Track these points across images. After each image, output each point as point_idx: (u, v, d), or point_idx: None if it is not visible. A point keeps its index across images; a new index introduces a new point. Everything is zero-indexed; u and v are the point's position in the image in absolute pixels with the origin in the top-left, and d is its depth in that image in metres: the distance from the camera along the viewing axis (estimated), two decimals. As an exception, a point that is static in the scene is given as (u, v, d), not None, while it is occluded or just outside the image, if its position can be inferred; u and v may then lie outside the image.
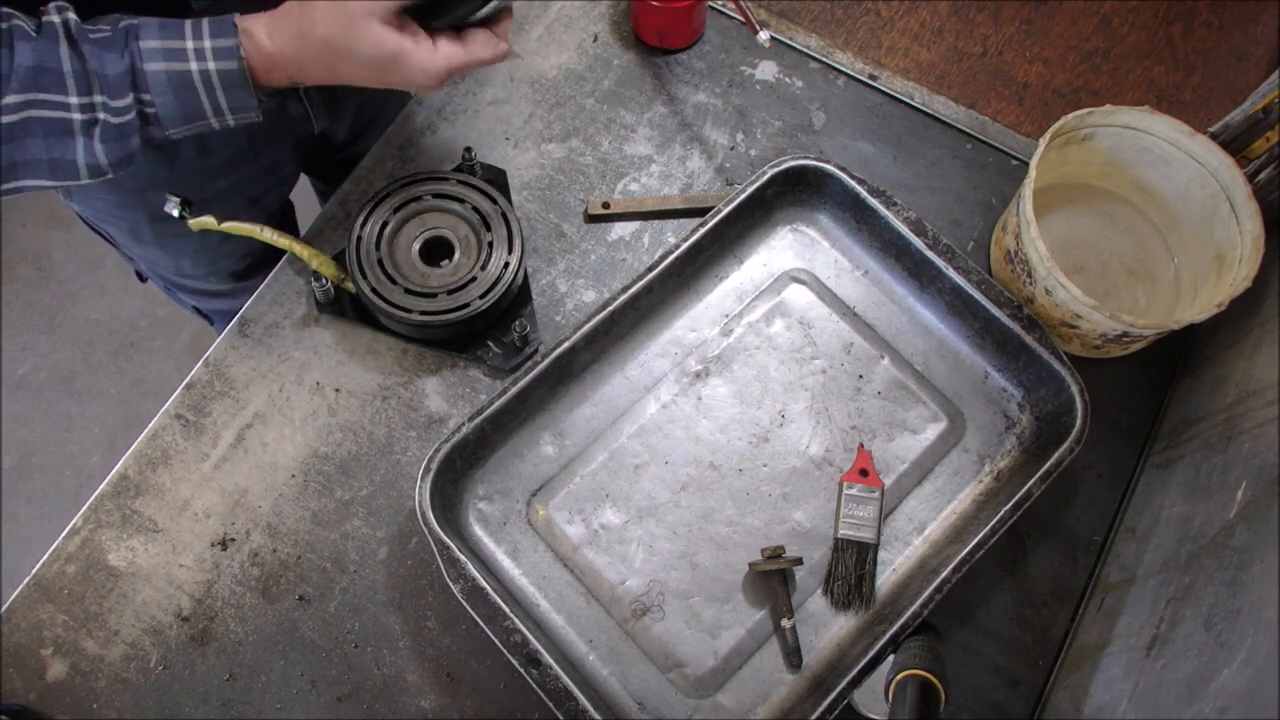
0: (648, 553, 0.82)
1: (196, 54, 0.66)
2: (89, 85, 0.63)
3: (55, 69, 0.62)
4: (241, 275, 1.09)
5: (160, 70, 0.65)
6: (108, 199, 0.93)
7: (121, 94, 0.65)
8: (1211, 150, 0.84)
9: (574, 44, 1.02)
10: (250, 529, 0.83)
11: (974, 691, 0.81)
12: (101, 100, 0.64)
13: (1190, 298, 0.89)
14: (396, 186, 0.87)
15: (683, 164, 0.97)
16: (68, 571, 0.82)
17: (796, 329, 0.90)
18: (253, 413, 0.87)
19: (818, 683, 0.78)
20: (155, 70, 0.65)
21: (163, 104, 0.67)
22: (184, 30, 0.66)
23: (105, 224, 1.00)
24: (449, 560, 0.75)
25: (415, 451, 0.86)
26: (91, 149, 0.66)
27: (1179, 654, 0.68)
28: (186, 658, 0.80)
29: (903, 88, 1.01)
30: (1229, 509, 0.71)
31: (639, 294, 0.85)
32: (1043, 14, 1.83)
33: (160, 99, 0.66)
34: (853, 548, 0.81)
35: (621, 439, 0.85)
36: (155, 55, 0.65)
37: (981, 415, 0.87)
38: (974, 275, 0.85)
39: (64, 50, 0.62)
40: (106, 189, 0.91)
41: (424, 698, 0.79)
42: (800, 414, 0.87)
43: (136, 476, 0.85)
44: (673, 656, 0.79)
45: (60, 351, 1.89)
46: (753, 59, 1.02)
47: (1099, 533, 0.86)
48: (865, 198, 0.88)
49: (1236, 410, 0.78)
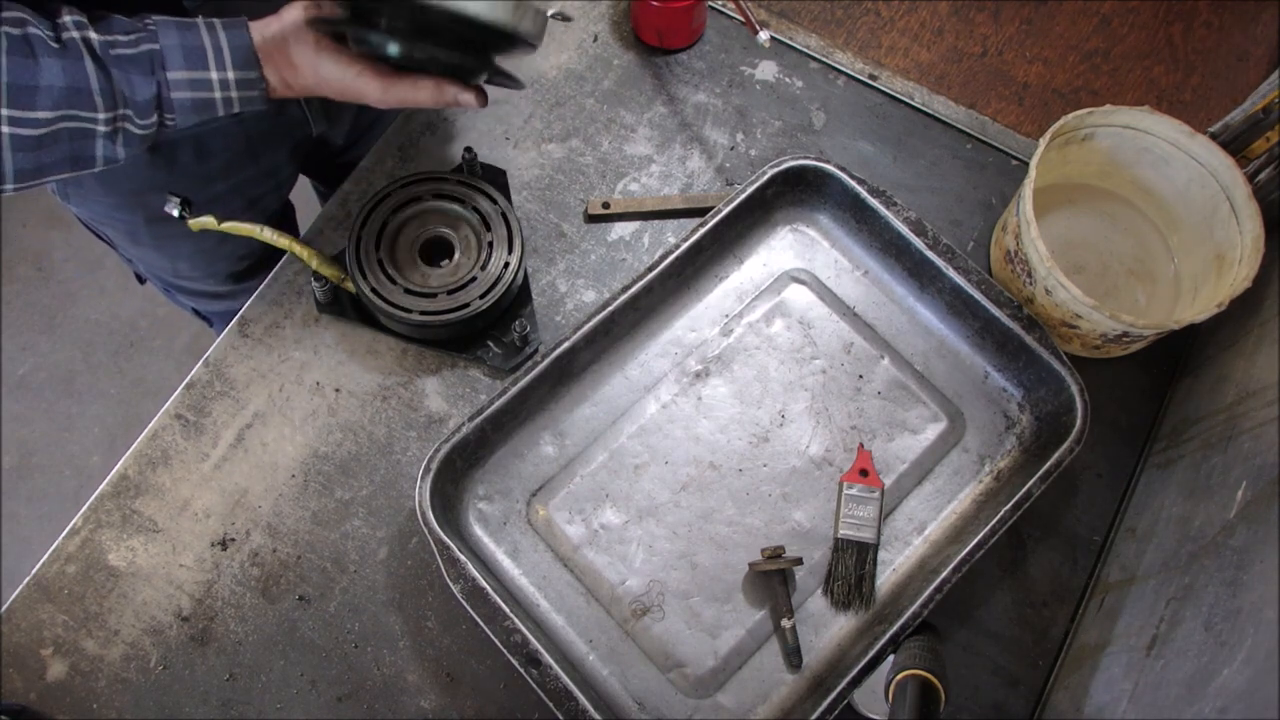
0: (648, 553, 0.82)
1: (221, 84, 0.70)
2: (115, 102, 0.67)
3: (85, 89, 0.65)
4: (239, 277, 1.09)
5: (186, 98, 0.70)
6: (105, 201, 0.93)
7: (147, 115, 0.69)
8: (1211, 150, 0.84)
9: (574, 44, 1.02)
10: (250, 529, 0.83)
11: (974, 691, 0.81)
12: (126, 113, 0.68)
13: (1190, 298, 0.89)
14: (396, 186, 0.87)
15: (683, 164, 0.97)
16: (68, 571, 0.82)
17: (796, 329, 0.90)
18: (253, 413, 0.87)
19: (818, 683, 0.78)
20: (181, 98, 0.70)
21: (183, 120, 0.71)
22: (209, 60, 0.69)
23: (103, 226, 1.00)
24: (449, 560, 0.75)
25: (415, 451, 0.86)
26: (112, 149, 0.70)
27: (1179, 654, 0.68)
28: (186, 658, 0.80)
29: (903, 88, 1.01)
30: (1229, 509, 0.71)
31: (639, 294, 0.85)
32: (1043, 14, 1.83)
33: (182, 117, 0.71)
34: (853, 548, 0.81)
35: (621, 439, 0.85)
36: (182, 85, 0.69)
37: (981, 415, 0.87)
38: (974, 275, 0.85)
39: (90, 68, 0.65)
40: (103, 192, 0.92)
41: (424, 698, 0.79)
42: (800, 414, 0.87)
43: (136, 476, 0.85)
44: (673, 656, 0.79)
45: (60, 351, 1.89)
46: (753, 59, 1.02)
47: (1099, 533, 0.86)
48: (865, 198, 0.88)
49: (1236, 410, 0.78)
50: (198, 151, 0.89)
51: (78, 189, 0.92)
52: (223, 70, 0.70)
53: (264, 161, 0.97)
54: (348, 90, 0.72)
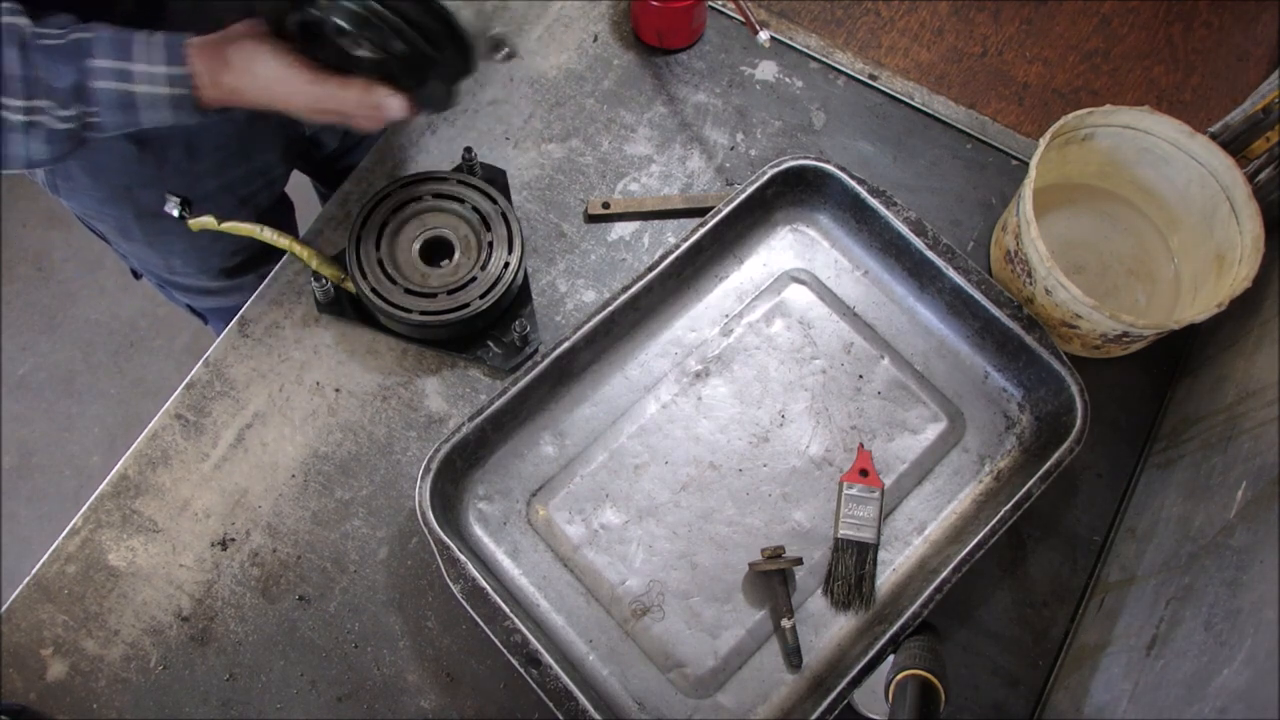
0: (648, 553, 0.82)
1: (147, 78, 0.67)
2: (33, 90, 0.64)
3: (2, 73, 0.63)
4: (232, 273, 1.09)
5: (110, 89, 0.66)
6: (93, 195, 0.93)
7: (67, 105, 0.66)
8: (1211, 150, 0.84)
9: (574, 44, 1.02)
10: (250, 529, 0.83)
11: (974, 691, 0.81)
12: (45, 105, 0.65)
13: (1190, 298, 0.89)
14: (396, 187, 0.87)
15: (683, 164, 0.97)
16: (68, 571, 0.82)
17: (796, 329, 0.90)
18: (253, 413, 0.87)
19: (818, 683, 0.78)
20: (104, 88, 0.66)
21: (107, 117, 0.68)
22: (135, 51, 0.66)
23: (94, 220, 1.00)
24: (449, 560, 0.75)
25: (415, 451, 0.86)
26: (29, 145, 0.67)
27: (1179, 654, 0.68)
28: (186, 658, 0.80)
29: (903, 88, 1.01)
30: (1229, 509, 0.71)
31: (639, 294, 0.85)
32: (1043, 14, 1.83)
33: (105, 113, 0.67)
34: (853, 548, 0.81)
35: (621, 439, 0.85)
36: (106, 74, 0.66)
37: (981, 415, 0.87)
38: (974, 275, 0.85)
39: (12, 53, 0.63)
40: (91, 185, 0.91)
41: (424, 698, 0.79)
42: (800, 414, 0.87)
43: (136, 476, 0.85)
44: (673, 656, 0.79)
45: (60, 351, 1.89)
46: (753, 59, 1.02)
47: (1099, 533, 0.86)
48: (865, 198, 0.88)
49: (1236, 410, 0.78)
50: (188, 149, 0.88)
51: (66, 181, 0.92)
52: (149, 63, 0.67)
53: (256, 160, 0.97)
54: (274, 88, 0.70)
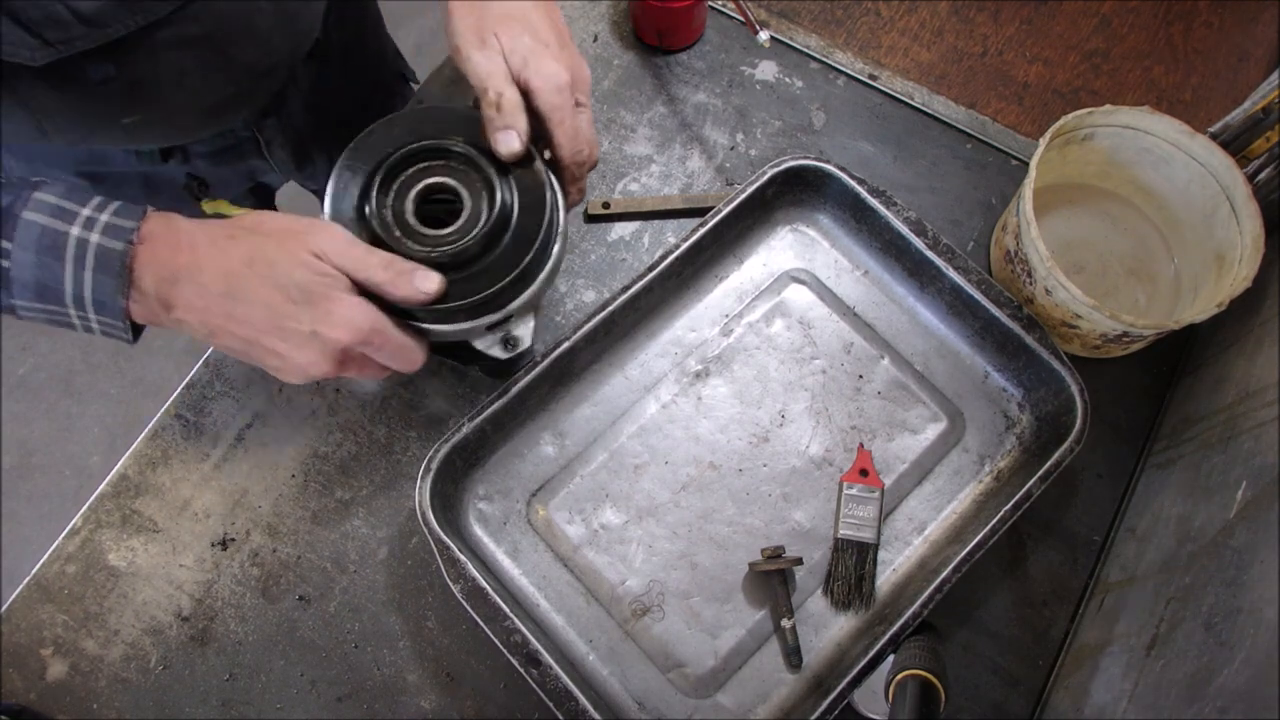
0: (648, 553, 0.82)
1: (86, 222, 0.59)
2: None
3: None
4: None
5: (36, 222, 0.58)
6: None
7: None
8: (1211, 150, 0.84)
9: (574, 44, 1.02)
10: (250, 529, 0.83)
11: (974, 691, 0.81)
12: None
13: (1190, 298, 0.89)
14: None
15: (683, 164, 0.97)
16: (68, 571, 0.82)
17: (796, 329, 0.90)
18: (253, 413, 0.87)
19: (818, 683, 0.78)
20: (31, 220, 0.58)
21: (19, 260, 0.59)
22: (89, 199, 0.60)
23: None
24: (449, 560, 0.75)
25: (415, 451, 0.86)
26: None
27: (1179, 654, 0.68)
28: (186, 658, 0.80)
29: (903, 88, 1.01)
30: (1229, 509, 0.71)
31: (639, 294, 0.85)
32: (1043, 14, 1.83)
33: (20, 254, 0.58)
34: (853, 548, 0.81)
35: (621, 439, 0.85)
36: (43, 207, 0.59)
37: (981, 415, 0.87)
38: (974, 275, 0.85)
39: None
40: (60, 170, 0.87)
41: (424, 698, 0.79)
42: (800, 414, 0.87)
43: (136, 476, 0.85)
44: (673, 656, 0.79)
45: (60, 351, 1.89)
46: (753, 59, 1.02)
47: (1099, 533, 0.86)
48: (865, 198, 0.88)
49: (1236, 410, 0.78)
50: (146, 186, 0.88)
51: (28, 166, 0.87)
52: (99, 210, 0.60)
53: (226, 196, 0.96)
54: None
